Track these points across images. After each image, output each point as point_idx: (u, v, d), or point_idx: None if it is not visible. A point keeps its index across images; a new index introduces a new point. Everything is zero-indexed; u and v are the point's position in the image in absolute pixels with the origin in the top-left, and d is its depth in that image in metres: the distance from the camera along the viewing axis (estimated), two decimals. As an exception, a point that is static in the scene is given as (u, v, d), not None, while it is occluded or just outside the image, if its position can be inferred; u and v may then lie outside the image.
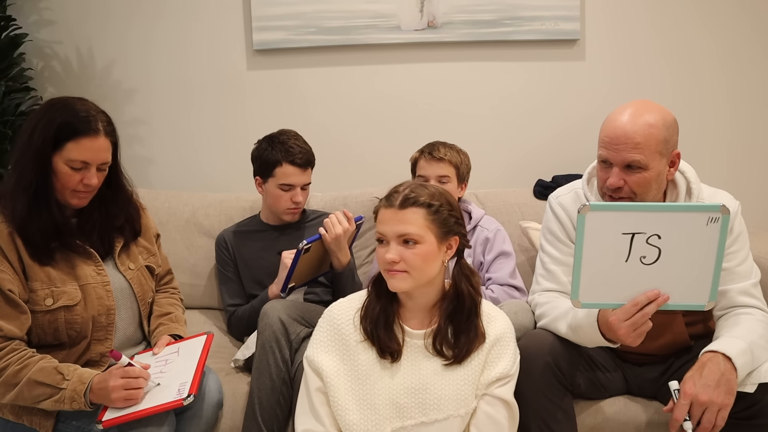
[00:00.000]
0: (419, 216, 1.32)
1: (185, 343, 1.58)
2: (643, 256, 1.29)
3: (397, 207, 1.33)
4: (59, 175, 1.43)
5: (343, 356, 1.39)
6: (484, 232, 2.01)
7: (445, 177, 1.98)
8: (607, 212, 1.28)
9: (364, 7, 2.42)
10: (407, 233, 1.32)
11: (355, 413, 1.34)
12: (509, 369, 1.36)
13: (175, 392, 1.39)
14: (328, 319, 1.43)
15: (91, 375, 1.38)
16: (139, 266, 1.61)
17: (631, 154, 1.41)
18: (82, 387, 1.35)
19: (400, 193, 1.35)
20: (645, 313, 1.28)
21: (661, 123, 1.42)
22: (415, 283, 1.34)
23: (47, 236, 1.43)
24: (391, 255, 1.32)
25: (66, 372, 1.37)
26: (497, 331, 1.38)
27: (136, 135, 2.57)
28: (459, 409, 1.33)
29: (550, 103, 2.54)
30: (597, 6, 2.47)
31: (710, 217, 1.26)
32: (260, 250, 2.02)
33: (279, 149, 1.93)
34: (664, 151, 1.43)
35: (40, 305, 1.42)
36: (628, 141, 1.41)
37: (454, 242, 1.38)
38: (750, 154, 2.57)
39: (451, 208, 1.37)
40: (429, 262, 1.33)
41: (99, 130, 1.43)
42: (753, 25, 2.50)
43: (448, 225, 1.35)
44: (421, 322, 1.40)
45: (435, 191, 1.37)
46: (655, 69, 2.52)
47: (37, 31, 2.50)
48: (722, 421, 1.31)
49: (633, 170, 1.43)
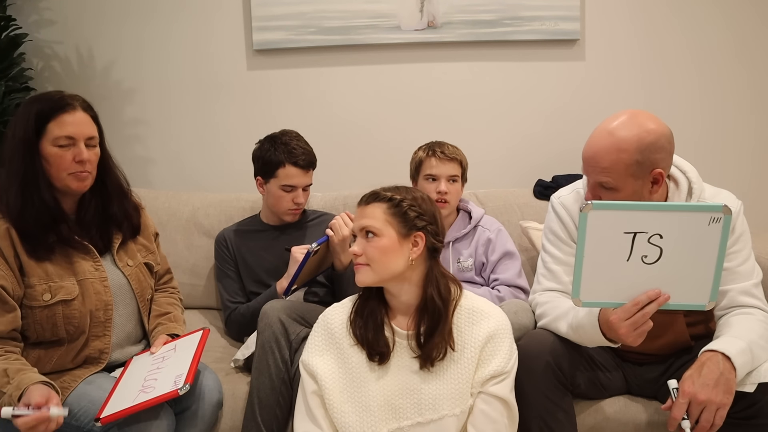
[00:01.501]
0: (380, 210, 1.37)
1: (181, 340, 1.59)
2: (645, 256, 1.29)
3: (363, 204, 1.39)
4: (51, 160, 1.45)
5: (337, 359, 1.40)
6: (485, 233, 2.01)
7: (455, 176, 1.97)
8: (609, 211, 1.28)
9: (364, 7, 2.42)
10: (366, 226, 1.36)
11: (351, 415, 1.35)
12: (504, 366, 1.35)
13: (171, 384, 1.40)
14: (323, 323, 1.44)
15: (32, 381, 1.33)
16: (138, 263, 1.62)
17: (599, 176, 1.44)
18: (17, 392, 1.31)
19: (371, 191, 1.40)
20: (645, 312, 1.28)
21: (634, 146, 1.40)
22: (377, 277, 1.36)
23: (43, 225, 1.44)
24: (354, 248, 1.37)
25: (11, 374, 1.34)
26: (490, 328, 1.37)
27: (136, 135, 2.57)
28: (454, 408, 1.33)
29: (550, 103, 2.54)
30: (597, 6, 2.47)
31: (712, 217, 1.26)
32: (260, 249, 2.02)
33: (282, 150, 1.93)
34: (638, 173, 1.42)
35: (38, 300, 1.43)
36: (596, 165, 1.44)
37: (420, 239, 1.37)
38: (751, 154, 2.57)
39: (415, 204, 1.37)
40: (388, 256, 1.34)
41: (75, 106, 1.48)
42: (753, 25, 2.50)
43: (408, 219, 1.36)
44: (407, 323, 1.40)
45: (405, 190, 1.40)
46: (655, 69, 2.52)
47: (37, 31, 2.51)
48: (720, 420, 1.30)
49: (605, 189, 1.45)
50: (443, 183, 1.95)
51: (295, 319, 1.65)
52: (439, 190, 1.94)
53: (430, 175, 1.97)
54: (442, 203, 1.95)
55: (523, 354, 1.43)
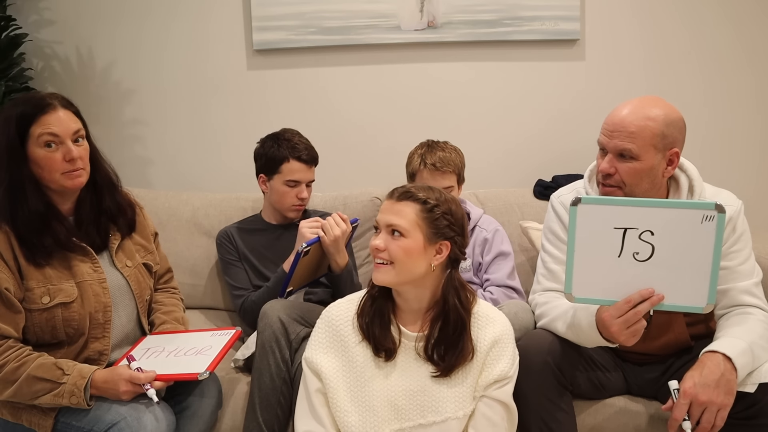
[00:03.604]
0: (411, 210, 1.34)
1: (216, 332, 1.62)
2: (636, 252, 1.28)
3: (395, 199, 1.36)
4: (42, 162, 1.43)
5: (341, 357, 1.39)
6: (482, 233, 2.00)
7: (449, 187, 1.93)
8: (598, 206, 1.28)
9: (364, 7, 2.42)
10: (395, 224, 1.33)
11: (353, 415, 1.34)
12: (507, 371, 1.35)
13: (195, 367, 1.44)
14: (327, 319, 1.43)
15: (91, 370, 1.39)
16: (137, 264, 1.61)
17: (623, 143, 1.44)
18: (83, 381, 1.36)
19: (405, 187, 1.37)
20: (637, 311, 1.28)
21: (661, 118, 1.44)
22: (397, 278, 1.34)
23: (36, 231, 1.43)
24: (377, 241, 1.34)
25: (66, 367, 1.39)
26: (495, 333, 1.37)
27: (136, 135, 2.57)
28: (457, 412, 1.33)
29: (550, 103, 2.53)
30: (597, 6, 2.47)
31: (705, 215, 1.23)
32: (262, 248, 2.03)
33: (285, 146, 1.95)
34: (660, 145, 1.44)
35: (37, 303, 1.43)
36: (622, 129, 1.44)
37: (445, 247, 1.35)
38: (751, 153, 2.57)
39: (449, 212, 1.35)
40: (412, 258, 1.32)
41: (54, 105, 1.46)
42: (754, 25, 2.50)
43: (439, 227, 1.34)
44: (415, 325, 1.40)
45: (440, 193, 1.37)
46: (655, 69, 2.52)
47: (37, 31, 2.50)
48: (721, 421, 1.30)
49: (625, 159, 1.46)
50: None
51: (295, 318, 1.65)
52: None
53: None
54: None
55: (522, 354, 1.43)
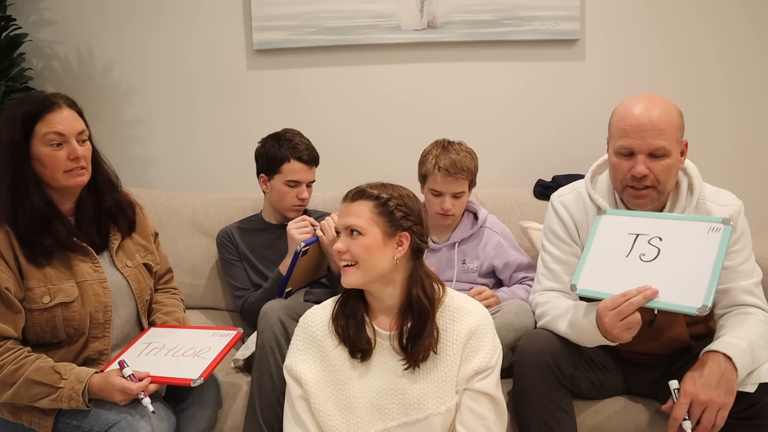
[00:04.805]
0: (366, 208, 1.35)
1: (217, 331, 1.61)
2: (643, 254, 1.37)
3: (349, 200, 1.38)
4: (45, 161, 1.43)
5: (320, 362, 1.39)
6: (494, 236, 1.98)
7: (460, 193, 1.91)
8: (621, 216, 1.46)
9: (364, 7, 2.42)
10: (352, 224, 1.34)
11: (337, 418, 1.35)
12: (488, 361, 1.34)
13: (190, 372, 1.43)
14: (303, 326, 1.44)
15: (89, 374, 1.39)
16: (137, 264, 1.61)
17: (656, 141, 1.43)
18: (80, 386, 1.36)
19: (358, 188, 1.39)
20: (631, 302, 1.30)
21: (675, 111, 1.48)
22: (364, 277, 1.35)
23: (37, 230, 1.43)
24: (338, 245, 1.36)
25: (63, 371, 1.38)
26: (471, 324, 1.36)
27: (136, 135, 2.57)
28: (439, 407, 1.33)
29: (550, 103, 2.53)
30: (597, 6, 2.47)
31: (712, 227, 1.35)
32: (262, 248, 2.03)
33: (286, 146, 1.96)
34: (680, 138, 1.48)
35: (38, 303, 1.42)
36: (653, 128, 1.43)
37: (405, 239, 1.36)
38: (751, 153, 2.57)
39: (402, 204, 1.36)
40: (373, 255, 1.33)
41: (60, 104, 1.46)
42: (753, 25, 2.50)
43: (395, 219, 1.35)
44: (389, 324, 1.40)
45: (393, 189, 1.39)
46: (655, 69, 2.52)
47: (37, 31, 2.50)
48: (722, 420, 1.31)
49: (657, 158, 1.44)
50: (447, 200, 1.89)
51: (295, 319, 1.64)
52: (442, 207, 1.89)
53: (434, 189, 1.91)
54: (444, 215, 1.92)
55: (522, 354, 1.43)
